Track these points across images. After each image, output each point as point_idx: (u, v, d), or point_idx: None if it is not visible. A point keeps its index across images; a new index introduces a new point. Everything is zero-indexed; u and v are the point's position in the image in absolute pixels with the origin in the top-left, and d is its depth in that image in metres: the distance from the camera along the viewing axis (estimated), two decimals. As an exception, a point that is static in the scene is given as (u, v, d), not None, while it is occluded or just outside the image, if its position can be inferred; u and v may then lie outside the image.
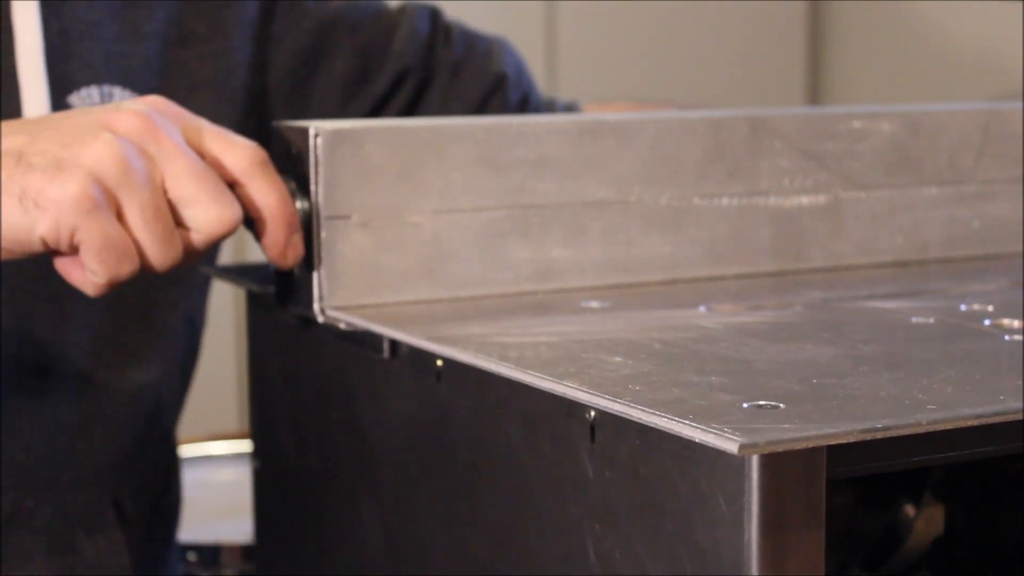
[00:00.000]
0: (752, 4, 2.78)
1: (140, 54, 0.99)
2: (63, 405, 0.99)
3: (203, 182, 0.73)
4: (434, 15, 1.13)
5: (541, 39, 2.62)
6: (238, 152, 0.76)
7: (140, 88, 0.98)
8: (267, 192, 0.76)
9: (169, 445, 1.08)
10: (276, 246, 0.77)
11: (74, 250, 0.72)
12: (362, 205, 0.79)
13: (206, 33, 1.02)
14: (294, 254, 0.78)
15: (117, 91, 0.97)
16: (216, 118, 1.00)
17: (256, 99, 1.05)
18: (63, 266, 0.74)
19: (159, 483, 1.07)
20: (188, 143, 0.75)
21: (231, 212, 0.74)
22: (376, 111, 1.10)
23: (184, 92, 1.00)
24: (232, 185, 0.76)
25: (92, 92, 0.96)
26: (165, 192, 0.73)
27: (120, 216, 0.72)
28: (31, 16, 0.93)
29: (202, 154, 0.75)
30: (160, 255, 0.73)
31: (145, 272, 0.74)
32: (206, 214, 0.74)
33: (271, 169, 0.77)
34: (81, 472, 1.00)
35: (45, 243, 0.72)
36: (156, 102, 0.76)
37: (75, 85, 0.95)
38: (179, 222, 0.74)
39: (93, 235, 0.71)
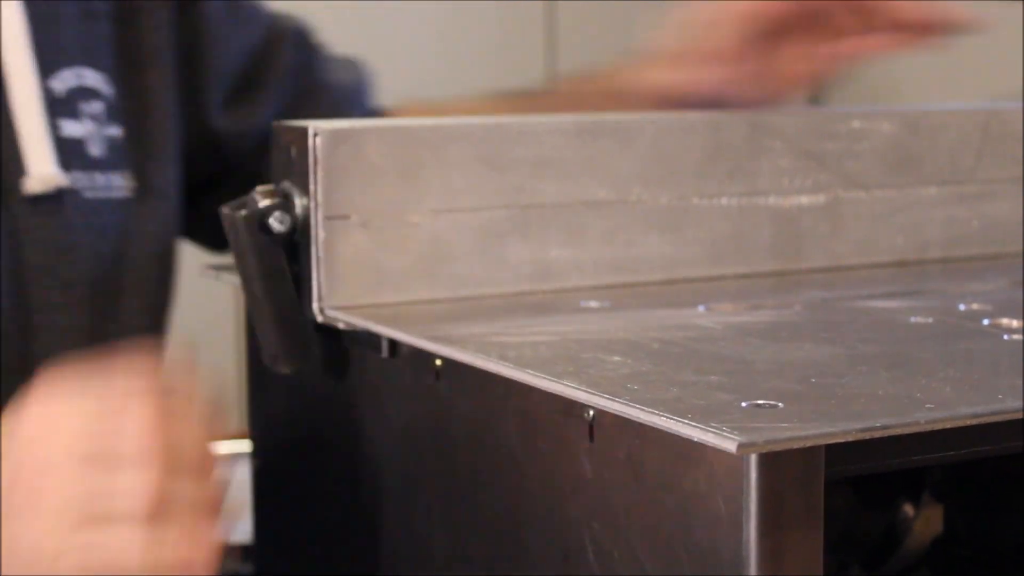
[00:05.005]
0: (752, 4, 2.78)
1: (97, 34, 0.98)
2: None
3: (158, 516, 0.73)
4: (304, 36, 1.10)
5: (541, 38, 2.62)
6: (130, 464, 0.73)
7: (102, 67, 0.98)
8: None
9: None
10: None
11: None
12: (362, 205, 0.79)
13: (150, 5, 1.01)
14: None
15: (88, 72, 0.97)
16: (171, 92, 1.01)
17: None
18: None
19: None
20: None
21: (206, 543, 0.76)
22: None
23: (137, 68, 1.00)
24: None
25: (66, 75, 0.96)
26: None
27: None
28: (12, 6, 0.93)
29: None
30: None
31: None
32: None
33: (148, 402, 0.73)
34: None
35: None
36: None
37: (51, 68, 0.95)
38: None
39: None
